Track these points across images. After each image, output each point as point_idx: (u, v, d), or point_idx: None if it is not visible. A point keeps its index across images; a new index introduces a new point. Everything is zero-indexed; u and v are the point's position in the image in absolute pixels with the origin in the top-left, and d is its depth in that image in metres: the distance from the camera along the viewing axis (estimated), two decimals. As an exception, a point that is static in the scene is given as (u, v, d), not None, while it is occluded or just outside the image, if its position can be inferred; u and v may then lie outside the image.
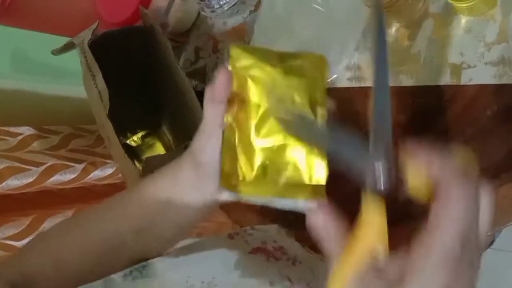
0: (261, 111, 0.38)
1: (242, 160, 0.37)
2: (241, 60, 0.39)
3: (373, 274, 0.28)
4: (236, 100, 0.38)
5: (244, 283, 0.33)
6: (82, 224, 0.49)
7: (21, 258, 0.48)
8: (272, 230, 0.55)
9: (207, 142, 0.40)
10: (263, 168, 0.37)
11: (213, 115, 0.39)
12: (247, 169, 0.37)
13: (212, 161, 0.39)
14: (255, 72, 0.38)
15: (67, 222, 0.50)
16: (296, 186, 0.36)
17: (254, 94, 0.38)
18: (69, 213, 0.94)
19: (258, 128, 0.37)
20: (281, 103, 0.38)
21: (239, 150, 0.37)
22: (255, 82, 0.38)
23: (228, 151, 0.37)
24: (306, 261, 0.42)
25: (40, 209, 0.90)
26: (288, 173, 0.37)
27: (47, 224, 0.86)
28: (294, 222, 0.62)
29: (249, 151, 0.37)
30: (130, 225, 0.45)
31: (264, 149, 0.38)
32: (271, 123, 0.37)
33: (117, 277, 0.32)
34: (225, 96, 0.38)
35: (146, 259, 0.41)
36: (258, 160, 0.37)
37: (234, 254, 0.41)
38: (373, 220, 0.28)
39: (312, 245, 0.43)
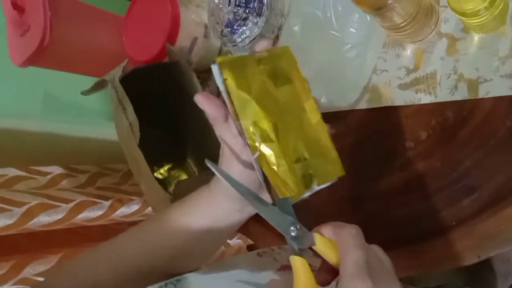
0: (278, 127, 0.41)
1: (283, 170, 0.39)
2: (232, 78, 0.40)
3: None
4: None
5: None
6: (117, 250, 0.50)
7: (53, 284, 0.49)
8: None
9: (230, 164, 0.43)
10: (302, 175, 0.40)
11: (224, 135, 0.42)
12: (290, 177, 0.39)
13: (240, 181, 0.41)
14: (251, 90, 0.40)
15: (101, 248, 0.51)
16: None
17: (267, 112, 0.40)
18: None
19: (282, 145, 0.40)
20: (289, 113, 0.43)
21: (277, 163, 0.39)
22: (259, 104, 0.40)
23: (267, 166, 0.39)
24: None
25: (67, 247, 0.91)
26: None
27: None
28: None
29: (286, 162, 0.40)
30: (165, 253, 0.47)
31: (296, 160, 0.41)
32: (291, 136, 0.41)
33: None
34: (221, 115, 0.42)
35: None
36: (298, 169, 0.40)
37: (263, 271, 0.42)
38: (302, 274, 0.35)
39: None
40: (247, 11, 0.70)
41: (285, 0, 0.75)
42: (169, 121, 0.82)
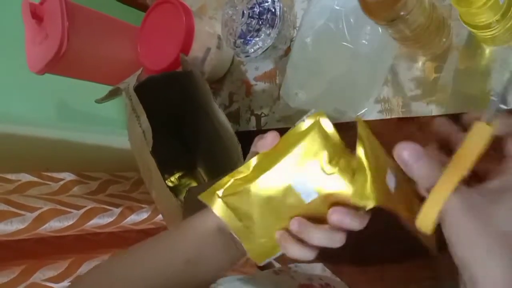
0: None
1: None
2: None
3: (476, 192, 0.33)
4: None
5: None
6: (134, 259, 0.50)
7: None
8: (316, 268, 0.55)
9: None
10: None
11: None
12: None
13: None
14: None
15: (116, 257, 0.51)
16: None
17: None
18: (105, 257, 0.96)
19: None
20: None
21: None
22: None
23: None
24: None
25: (77, 253, 0.92)
26: None
27: (84, 268, 0.88)
28: (340, 259, 0.63)
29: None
30: (181, 256, 0.47)
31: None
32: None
33: None
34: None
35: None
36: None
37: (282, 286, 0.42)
38: (477, 143, 0.33)
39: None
40: (260, 23, 0.72)
41: (297, 12, 0.76)
42: (180, 130, 0.83)
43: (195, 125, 0.80)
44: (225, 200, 0.44)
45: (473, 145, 0.33)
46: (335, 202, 0.40)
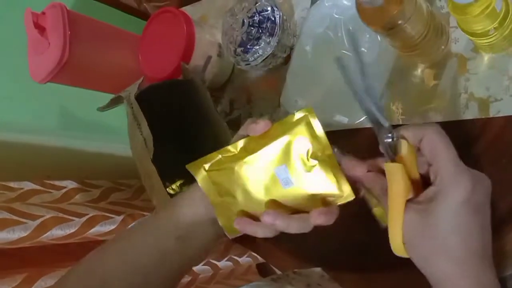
0: None
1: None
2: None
3: (415, 208, 0.38)
4: None
5: None
6: (122, 244, 0.51)
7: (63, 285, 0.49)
8: (314, 275, 0.55)
9: None
10: None
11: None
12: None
13: None
14: None
15: (106, 245, 0.51)
16: None
17: None
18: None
19: None
20: None
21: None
22: None
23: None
24: None
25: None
26: None
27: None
28: (338, 265, 0.63)
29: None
30: (170, 235, 0.48)
31: None
32: None
33: None
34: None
35: (187, 271, 0.44)
36: None
37: None
38: (400, 179, 0.39)
39: None
40: (260, 31, 0.72)
41: (297, 20, 0.77)
42: (181, 137, 0.83)
43: (196, 133, 0.80)
44: (210, 175, 0.47)
45: (395, 183, 0.39)
46: (312, 193, 0.43)
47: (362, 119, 0.65)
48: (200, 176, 0.47)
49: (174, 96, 0.73)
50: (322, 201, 0.44)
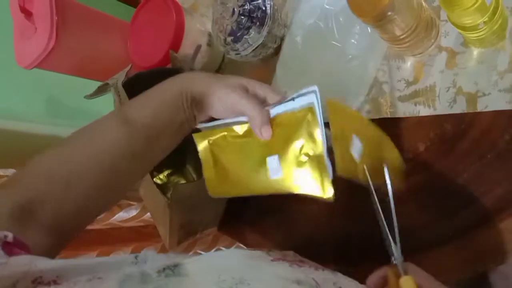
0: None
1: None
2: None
3: None
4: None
5: (273, 281, 0.34)
6: (89, 135, 0.50)
7: (25, 180, 0.46)
8: (289, 254, 0.55)
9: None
10: None
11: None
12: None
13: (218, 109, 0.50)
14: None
15: (72, 136, 0.51)
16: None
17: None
18: (92, 255, 0.95)
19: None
20: None
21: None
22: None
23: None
24: (327, 271, 0.42)
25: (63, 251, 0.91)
26: None
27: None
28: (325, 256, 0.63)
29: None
30: (144, 119, 0.51)
31: None
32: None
33: (152, 272, 0.34)
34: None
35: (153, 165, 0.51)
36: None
37: (257, 259, 0.42)
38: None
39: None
40: (251, 21, 0.71)
41: (288, 11, 0.76)
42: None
43: (185, 123, 0.80)
44: (211, 147, 0.51)
45: None
46: (295, 188, 0.46)
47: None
48: (202, 146, 0.52)
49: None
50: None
